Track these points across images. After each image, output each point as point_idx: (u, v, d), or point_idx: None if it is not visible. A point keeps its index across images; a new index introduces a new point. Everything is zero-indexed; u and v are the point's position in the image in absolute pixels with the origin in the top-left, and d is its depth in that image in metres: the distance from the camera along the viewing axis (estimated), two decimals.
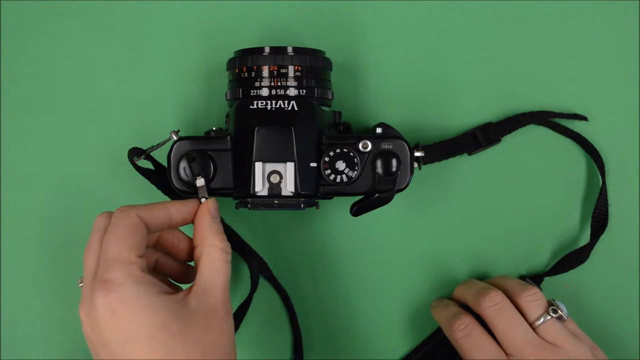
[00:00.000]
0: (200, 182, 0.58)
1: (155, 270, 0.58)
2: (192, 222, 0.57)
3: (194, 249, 0.56)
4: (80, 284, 0.55)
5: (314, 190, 0.58)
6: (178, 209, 0.56)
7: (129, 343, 0.50)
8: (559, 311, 0.59)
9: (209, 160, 0.58)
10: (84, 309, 0.52)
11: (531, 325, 0.59)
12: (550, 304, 0.59)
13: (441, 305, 0.64)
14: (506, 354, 0.58)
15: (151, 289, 0.51)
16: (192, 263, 0.58)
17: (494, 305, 0.59)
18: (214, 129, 0.61)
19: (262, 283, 0.66)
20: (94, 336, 0.52)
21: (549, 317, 0.59)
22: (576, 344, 0.58)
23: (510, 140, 0.66)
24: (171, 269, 0.58)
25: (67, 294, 0.65)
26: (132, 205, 0.54)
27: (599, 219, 0.65)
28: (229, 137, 0.58)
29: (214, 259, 0.54)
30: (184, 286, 0.57)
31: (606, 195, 0.65)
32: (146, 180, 0.62)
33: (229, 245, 0.55)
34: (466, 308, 0.62)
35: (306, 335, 0.66)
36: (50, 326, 0.65)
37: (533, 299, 0.59)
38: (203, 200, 0.57)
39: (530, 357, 0.57)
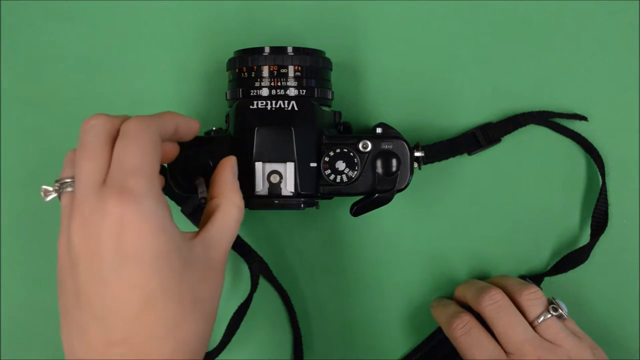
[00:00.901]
0: (200, 182, 0.58)
1: None
2: (186, 139, 0.54)
3: (211, 199, 0.53)
4: (50, 191, 0.50)
5: (314, 190, 0.58)
6: (184, 123, 0.52)
7: (127, 262, 0.45)
8: (559, 310, 0.59)
9: (209, 160, 0.58)
10: (82, 213, 0.46)
11: (531, 323, 0.59)
12: (550, 302, 0.59)
13: (441, 305, 0.64)
14: (506, 352, 0.58)
15: (167, 212, 0.47)
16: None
17: (494, 304, 0.59)
18: (214, 129, 0.61)
19: (262, 283, 0.66)
20: (84, 247, 0.46)
21: (549, 316, 0.59)
22: (576, 343, 0.58)
23: (510, 140, 0.66)
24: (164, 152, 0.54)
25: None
26: (148, 117, 0.50)
27: (599, 219, 0.65)
28: (229, 137, 0.58)
29: (230, 216, 0.52)
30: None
31: (606, 195, 0.65)
32: None
33: (244, 206, 0.53)
34: (466, 308, 0.62)
35: (306, 335, 0.66)
36: (50, 326, 0.65)
37: (533, 298, 0.59)
38: (203, 201, 0.57)
39: (530, 355, 0.57)
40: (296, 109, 0.57)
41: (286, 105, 0.57)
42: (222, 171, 0.54)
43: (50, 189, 0.50)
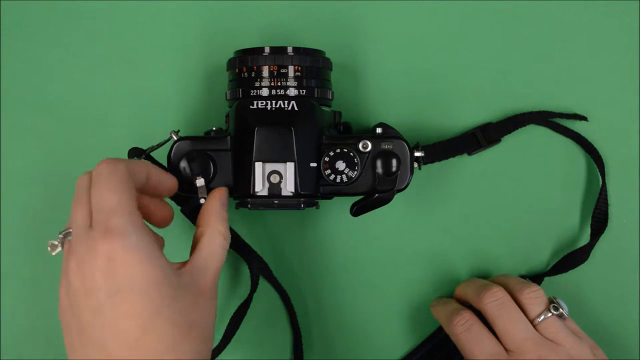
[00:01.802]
0: (200, 182, 0.58)
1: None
2: (164, 194, 0.56)
3: (197, 229, 0.55)
4: (54, 245, 0.54)
5: (314, 190, 0.58)
6: (157, 173, 0.55)
7: (121, 292, 0.48)
8: (560, 309, 0.59)
9: (209, 160, 0.58)
10: (77, 257, 0.50)
11: (532, 322, 0.59)
12: (551, 301, 0.60)
13: (441, 303, 0.64)
14: (506, 350, 0.58)
15: (152, 243, 0.50)
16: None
17: (495, 301, 0.59)
18: (214, 129, 0.61)
19: (262, 283, 0.66)
20: (81, 286, 0.50)
21: (549, 315, 0.59)
22: (577, 342, 0.58)
23: (510, 140, 0.66)
24: (150, 212, 0.56)
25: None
26: (115, 159, 0.53)
27: (599, 219, 0.65)
28: (229, 137, 0.58)
29: (214, 243, 0.54)
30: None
31: (606, 195, 0.65)
32: None
33: (230, 235, 0.55)
34: (467, 307, 0.62)
35: (306, 335, 0.66)
36: (50, 326, 0.65)
37: (534, 296, 0.59)
38: (202, 200, 0.57)
39: (531, 353, 0.57)
40: (296, 109, 0.57)
41: (286, 105, 0.57)
42: (210, 201, 0.56)
43: (57, 242, 0.54)
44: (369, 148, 0.59)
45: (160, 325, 0.49)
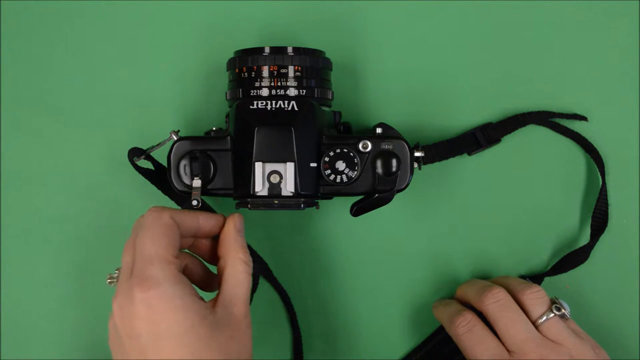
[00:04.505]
0: (196, 182, 0.58)
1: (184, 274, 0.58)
2: (217, 234, 0.58)
3: (219, 260, 0.57)
4: (109, 280, 0.57)
5: (314, 190, 0.58)
6: (207, 220, 0.57)
7: (160, 339, 0.51)
8: (562, 309, 0.59)
9: (209, 161, 0.58)
10: (119, 301, 0.53)
11: (534, 322, 0.59)
12: (553, 302, 0.60)
13: (443, 304, 0.64)
14: (508, 351, 0.58)
15: (186, 290, 0.53)
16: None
17: (497, 302, 0.59)
18: (214, 129, 0.61)
19: (262, 283, 0.66)
20: (124, 328, 0.53)
21: (551, 315, 0.59)
22: (578, 342, 0.58)
23: (510, 140, 0.66)
24: (198, 276, 0.59)
25: (67, 293, 0.65)
26: (164, 206, 0.56)
27: (599, 219, 0.65)
28: (229, 137, 0.58)
29: (237, 271, 0.56)
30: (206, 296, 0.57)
31: (606, 195, 0.65)
32: (146, 180, 0.62)
33: (251, 258, 0.57)
34: (468, 308, 0.62)
35: (306, 335, 0.66)
36: (50, 326, 0.65)
37: (536, 297, 0.59)
38: (195, 202, 0.57)
39: (532, 354, 0.57)
40: (296, 109, 0.57)
41: (286, 106, 0.57)
42: (226, 230, 0.57)
43: (115, 275, 0.57)
44: (369, 148, 0.59)
45: None
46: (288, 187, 0.57)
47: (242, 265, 0.56)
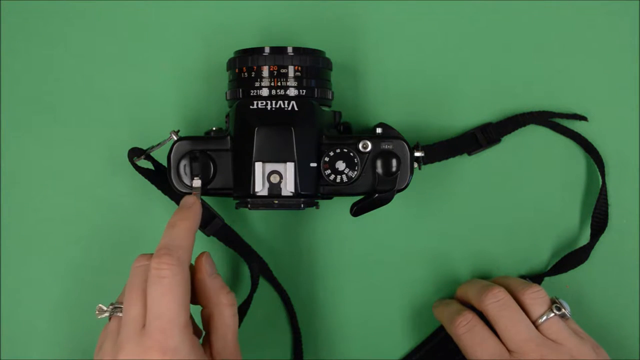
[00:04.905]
0: (196, 183, 0.58)
1: None
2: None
3: (202, 309, 0.56)
4: (99, 313, 0.55)
5: (314, 190, 0.58)
6: (196, 225, 0.55)
7: None
8: (563, 309, 0.59)
9: (209, 161, 0.58)
10: (125, 352, 0.52)
11: (534, 322, 0.59)
12: (553, 302, 0.60)
13: (443, 304, 0.64)
14: (508, 350, 0.58)
15: (199, 352, 0.52)
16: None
17: (497, 301, 0.59)
18: (214, 129, 0.61)
19: (262, 283, 0.66)
20: None
21: (552, 315, 0.59)
22: (579, 342, 0.58)
23: (510, 140, 0.66)
24: None
25: (67, 293, 0.65)
26: (176, 251, 0.53)
27: (599, 219, 0.65)
28: (229, 137, 0.58)
29: (224, 316, 0.56)
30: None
31: (606, 195, 0.65)
32: (146, 180, 0.62)
33: (233, 294, 0.56)
34: (469, 307, 0.62)
35: (306, 335, 0.66)
36: (50, 326, 0.65)
37: (536, 297, 0.59)
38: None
39: (533, 354, 0.57)
40: (296, 109, 0.57)
41: (286, 106, 0.57)
42: (198, 278, 0.56)
43: (105, 309, 0.56)
44: (369, 148, 0.59)
45: None
46: (288, 187, 0.57)
47: (227, 309, 0.56)
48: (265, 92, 0.58)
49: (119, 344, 0.52)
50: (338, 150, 0.58)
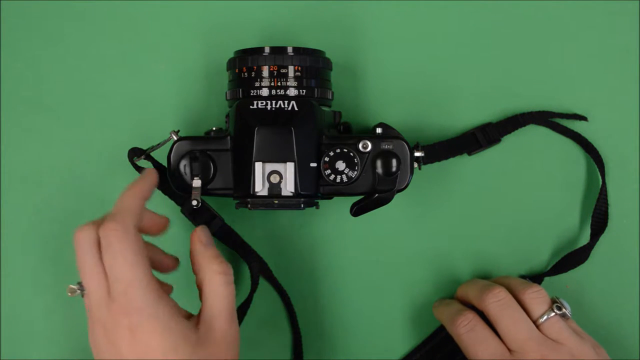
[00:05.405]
0: (196, 183, 0.58)
1: None
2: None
3: (196, 276, 0.57)
4: (71, 294, 0.55)
5: (314, 190, 0.58)
6: (150, 218, 0.57)
7: (141, 358, 0.52)
8: (563, 309, 0.59)
9: (209, 161, 0.58)
10: (100, 324, 0.54)
11: (535, 322, 0.59)
12: (554, 301, 0.60)
13: (444, 304, 0.64)
14: (509, 350, 0.58)
15: (167, 311, 0.53)
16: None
17: (498, 301, 0.59)
18: (214, 129, 0.61)
19: (262, 283, 0.66)
20: (108, 350, 0.54)
21: (552, 314, 0.59)
22: (579, 341, 0.58)
23: (510, 140, 0.66)
24: (153, 261, 0.59)
25: (67, 293, 0.65)
26: (119, 216, 0.54)
27: (599, 219, 0.65)
28: (229, 137, 0.58)
29: (214, 284, 0.55)
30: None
31: (606, 195, 0.65)
32: None
33: (229, 265, 0.56)
34: (469, 307, 0.62)
35: (306, 335, 0.66)
36: (50, 326, 0.65)
37: (537, 296, 0.59)
38: (195, 202, 0.57)
39: (533, 353, 0.57)
40: (296, 109, 0.57)
41: (286, 106, 0.57)
42: (192, 247, 0.57)
43: (76, 288, 0.56)
44: (369, 148, 0.59)
45: None
46: (288, 187, 0.57)
47: (217, 276, 0.55)
48: (265, 92, 0.58)
49: (92, 319, 0.54)
50: (338, 150, 0.58)
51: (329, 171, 0.58)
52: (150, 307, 0.52)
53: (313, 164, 0.58)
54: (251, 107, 0.57)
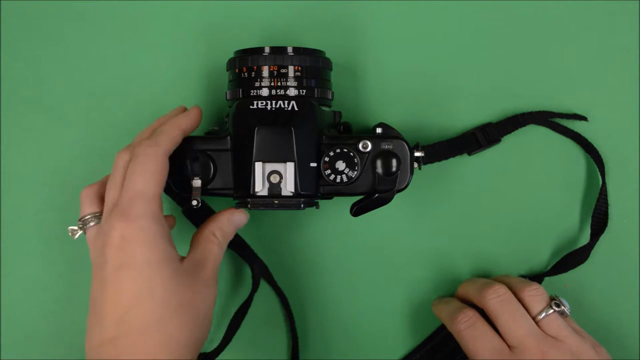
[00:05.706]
0: (196, 183, 0.58)
1: None
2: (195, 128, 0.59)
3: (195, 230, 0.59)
4: (71, 234, 0.58)
5: (314, 190, 0.58)
6: (187, 125, 0.58)
7: (122, 268, 0.52)
8: (562, 306, 0.59)
9: (209, 161, 0.58)
10: (97, 229, 0.56)
11: (534, 319, 0.59)
12: (552, 299, 0.60)
13: (443, 302, 0.64)
14: (509, 346, 0.58)
15: (163, 229, 0.54)
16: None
17: (498, 297, 0.59)
18: (214, 129, 0.61)
19: (263, 284, 0.66)
20: (96, 259, 0.55)
21: (551, 311, 0.59)
22: (579, 340, 0.58)
23: (510, 140, 0.66)
24: None
25: (67, 293, 0.65)
26: (155, 137, 0.55)
27: (599, 219, 0.65)
28: (229, 137, 0.58)
29: (209, 240, 0.57)
30: None
31: (606, 195, 0.65)
32: None
33: (225, 240, 0.58)
34: (469, 305, 0.62)
35: (307, 334, 0.66)
36: (50, 326, 0.65)
37: (535, 294, 0.59)
38: (195, 202, 0.57)
39: (533, 349, 0.57)
40: (296, 109, 0.57)
41: (286, 106, 0.57)
42: (220, 215, 0.59)
43: (76, 228, 0.58)
44: (369, 148, 0.59)
45: (149, 303, 0.52)
46: (288, 187, 0.57)
47: (214, 238, 0.57)
48: (265, 92, 0.58)
49: (99, 229, 0.55)
50: (338, 150, 0.58)
51: (329, 171, 0.58)
52: (148, 220, 0.53)
53: (313, 164, 0.58)
54: (251, 107, 0.57)
